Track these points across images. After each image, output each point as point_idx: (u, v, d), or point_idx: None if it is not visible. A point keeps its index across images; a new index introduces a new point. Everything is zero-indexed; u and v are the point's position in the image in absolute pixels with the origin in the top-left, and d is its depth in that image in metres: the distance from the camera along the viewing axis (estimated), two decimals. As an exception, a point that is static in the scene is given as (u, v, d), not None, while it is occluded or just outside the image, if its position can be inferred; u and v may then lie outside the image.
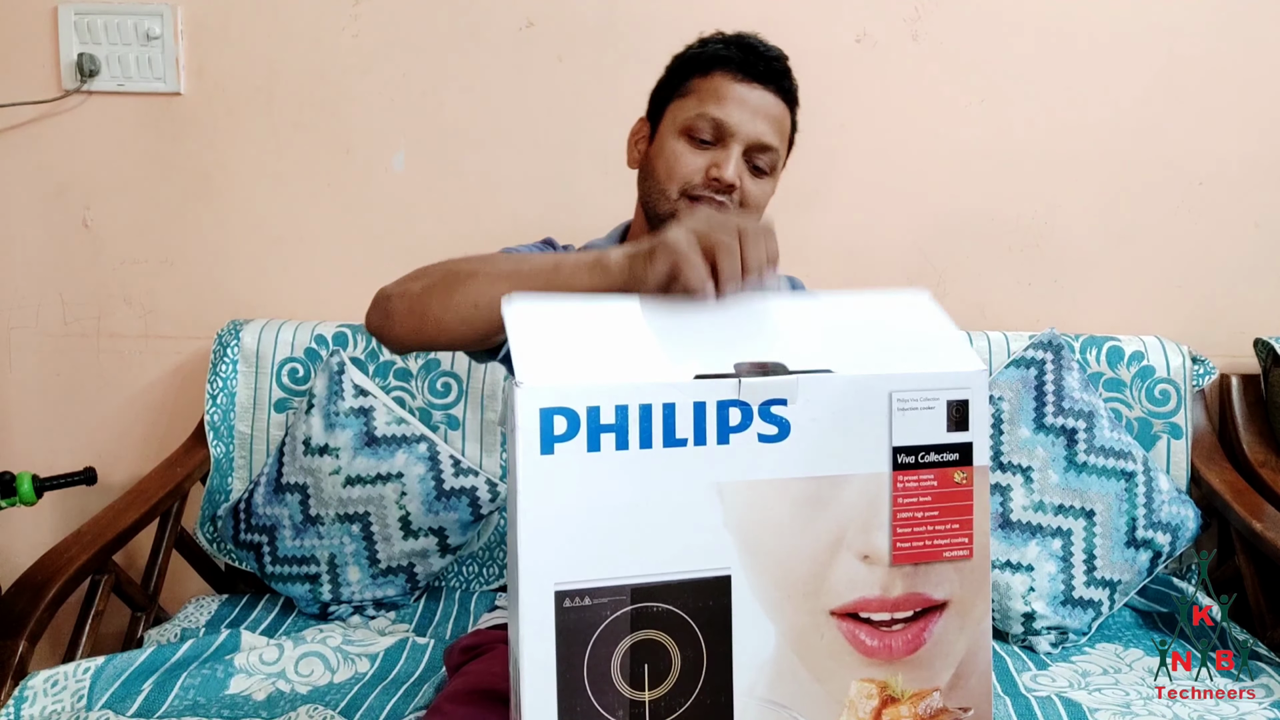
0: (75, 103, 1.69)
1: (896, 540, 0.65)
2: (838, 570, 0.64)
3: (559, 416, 0.59)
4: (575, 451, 0.59)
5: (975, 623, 0.67)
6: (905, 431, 0.64)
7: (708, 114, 1.02)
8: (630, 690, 0.60)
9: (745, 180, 1.03)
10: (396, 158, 1.69)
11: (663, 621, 0.60)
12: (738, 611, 0.61)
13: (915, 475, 0.65)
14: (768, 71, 1.03)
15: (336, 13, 1.66)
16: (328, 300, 1.71)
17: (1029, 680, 1.27)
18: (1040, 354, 1.51)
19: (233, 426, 1.60)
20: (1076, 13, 1.62)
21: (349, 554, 1.48)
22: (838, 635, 0.64)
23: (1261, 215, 1.65)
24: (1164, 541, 1.43)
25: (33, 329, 1.74)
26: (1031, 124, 1.65)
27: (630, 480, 0.60)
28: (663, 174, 1.04)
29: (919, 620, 0.66)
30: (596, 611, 0.59)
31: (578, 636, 0.59)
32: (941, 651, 0.66)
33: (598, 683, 0.59)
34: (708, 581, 0.61)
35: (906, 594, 0.65)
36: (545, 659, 0.59)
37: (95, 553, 1.30)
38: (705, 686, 0.61)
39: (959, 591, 0.66)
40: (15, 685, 1.14)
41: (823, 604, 0.64)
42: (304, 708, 1.18)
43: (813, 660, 0.64)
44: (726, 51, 1.04)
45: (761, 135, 1.02)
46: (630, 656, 0.60)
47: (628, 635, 0.60)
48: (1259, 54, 1.62)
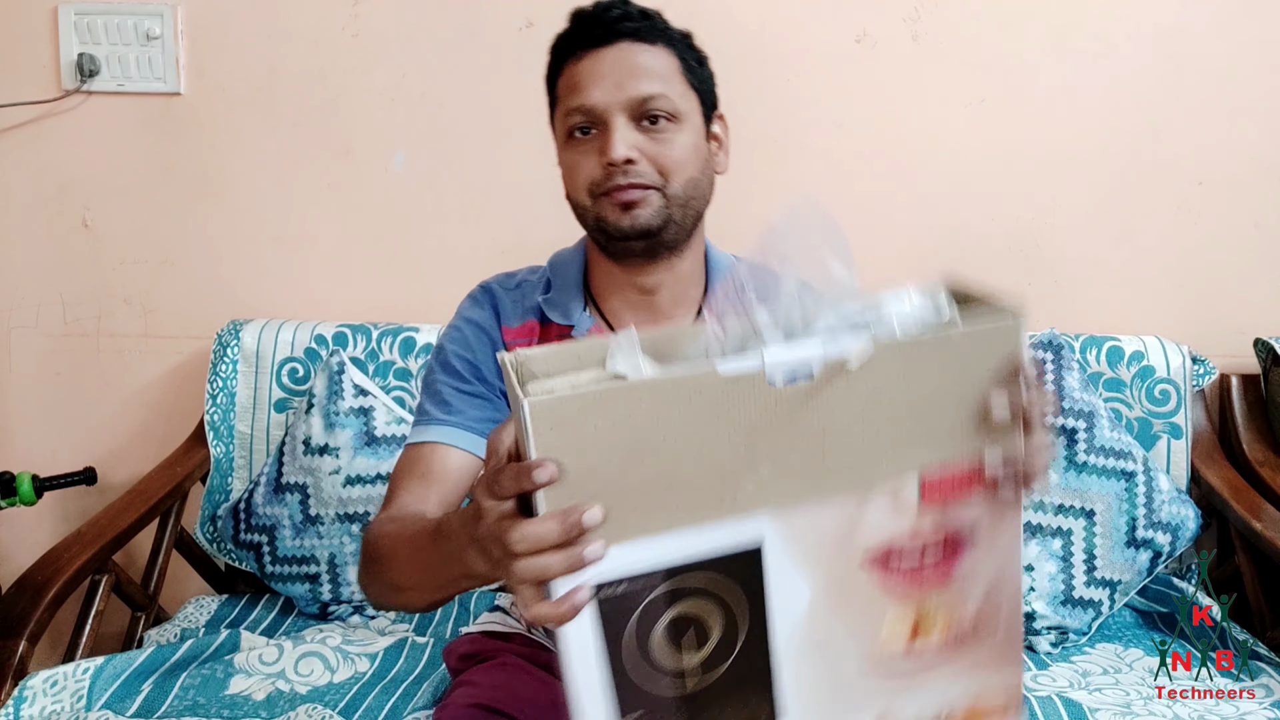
0: (75, 103, 1.69)
1: (925, 477, 0.63)
2: (868, 515, 0.63)
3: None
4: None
5: (1004, 548, 0.66)
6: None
7: (571, 107, 0.94)
8: (673, 659, 0.61)
9: (644, 144, 0.93)
10: (396, 158, 1.69)
11: (699, 594, 0.61)
12: (771, 574, 0.62)
13: None
14: (608, 30, 0.93)
15: (336, 13, 1.66)
16: (328, 300, 1.71)
17: (1029, 680, 1.27)
18: (1040, 354, 1.51)
19: (233, 426, 1.60)
20: (1076, 13, 1.62)
21: (349, 554, 1.48)
22: (870, 580, 0.64)
23: (1261, 215, 1.65)
24: (1164, 541, 1.43)
25: (33, 329, 1.74)
26: (1031, 124, 1.65)
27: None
28: (571, 188, 0.97)
29: (948, 553, 0.65)
30: (633, 597, 0.59)
31: (617, 622, 0.59)
32: (971, 580, 0.66)
33: (641, 661, 0.60)
34: (740, 555, 0.61)
35: (935, 530, 0.64)
36: (588, 648, 0.59)
37: (95, 553, 1.30)
38: (745, 645, 0.62)
39: (986, 519, 0.65)
40: (15, 685, 1.13)
41: (855, 551, 0.63)
42: (304, 707, 1.18)
43: (847, 605, 0.64)
44: (564, 38, 0.96)
45: (634, 90, 0.92)
46: (671, 629, 0.60)
47: (665, 612, 0.60)
48: (1259, 54, 1.62)
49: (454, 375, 0.99)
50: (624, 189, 0.92)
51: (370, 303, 1.69)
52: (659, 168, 0.93)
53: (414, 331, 1.59)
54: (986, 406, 0.63)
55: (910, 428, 0.63)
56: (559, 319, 1.01)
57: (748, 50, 1.64)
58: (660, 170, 0.93)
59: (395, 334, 1.59)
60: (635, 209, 0.93)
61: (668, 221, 0.95)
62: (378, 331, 1.60)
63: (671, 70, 0.95)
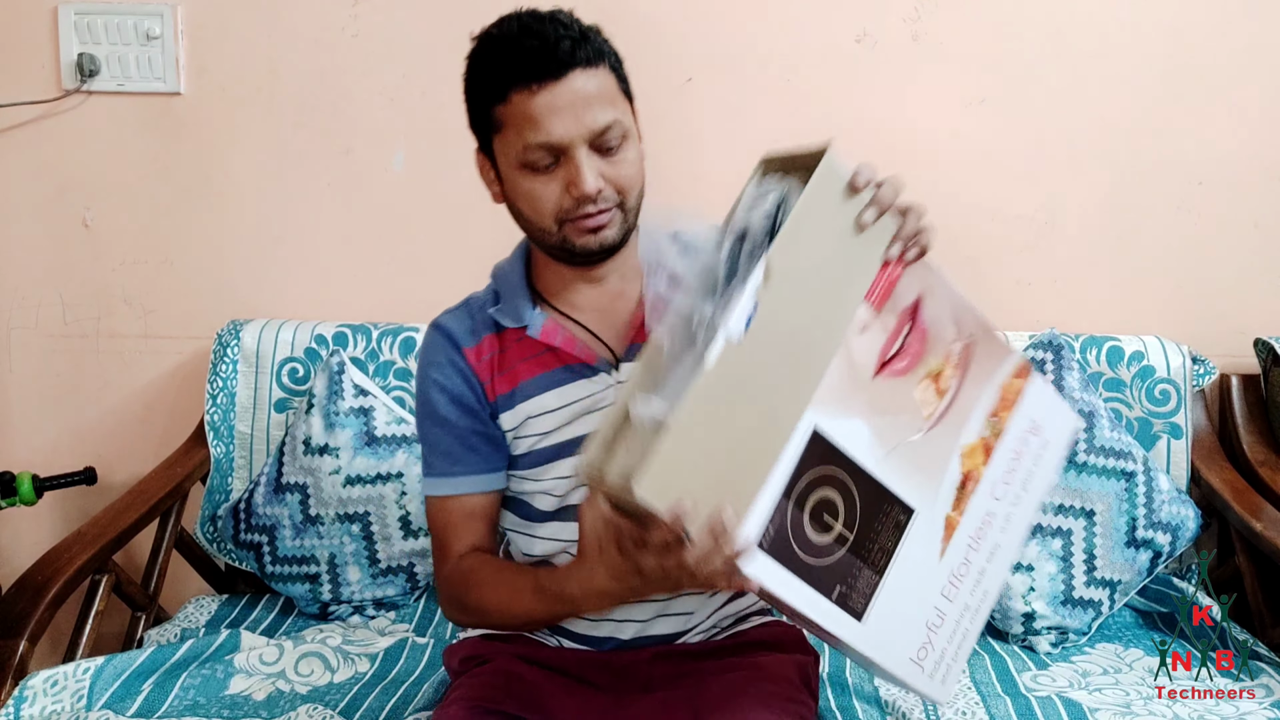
0: (75, 103, 1.69)
1: (866, 298, 0.82)
2: (855, 351, 0.82)
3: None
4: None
5: (939, 288, 0.87)
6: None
7: (531, 143, 0.93)
8: (828, 535, 0.82)
9: (605, 169, 0.95)
10: (396, 158, 1.69)
11: (812, 488, 0.81)
12: (835, 436, 0.81)
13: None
14: (559, 61, 0.91)
15: (336, 13, 1.66)
16: (328, 300, 1.71)
17: (1029, 680, 1.27)
18: (1040, 354, 1.51)
19: (233, 426, 1.60)
20: (1076, 13, 1.62)
21: (349, 554, 1.48)
22: (889, 384, 0.84)
23: (1261, 215, 1.65)
24: (1164, 541, 1.43)
25: (33, 329, 1.74)
26: (1031, 124, 1.65)
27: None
28: (531, 215, 0.98)
29: (913, 322, 0.85)
30: (779, 528, 0.79)
31: (782, 549, 0.80)
32: (938, 323, 0.87)
33: (813, 556, 0.82)
34: (811, 444, 0.80)
35: (895, 317, 0.84)
36: (781, 579, 0.80)
37: (95, 553, 1.30)
38: (859, 488, 0.84)
39: (916, 282, 0.85)
40: (15, 685, 1.14)
41: (865, 375, 0.83)
42: (304, 708, 1.18)
43: (889, 408, 0.84)
44: (507, 63, 0.93)
45: (592, 122, 0.93)
46: (813, 521, 0.81)
47: (802, 516, 0.80)
48: (1259, 54, 1.62)
49: (442, 424, 1.04)
50: (592, 215, 0.95)
51: (370, 303, 1.69)
52: (618, 188, 0.96)
53: (414, 331, 1.59)
54: (859, 222, 0.80)
55: (835, 280, 0.81)
56: (510, 323, 1.03)
57: (748, 50, 1.64)
58: (619, 190, 0.96)
59: (395, 334, 1.59)
60: (602, 231, 0.97)
61: (627, 232, 1.00)
62: (378, 331, 1.60)
63: (614, 89, 0.97)
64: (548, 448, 1.02)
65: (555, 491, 1.03)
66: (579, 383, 1.01)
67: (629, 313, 1.03)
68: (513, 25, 0.95)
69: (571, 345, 1.01)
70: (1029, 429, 0.93)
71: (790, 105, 1.66)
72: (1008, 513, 0.93)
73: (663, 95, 1.64)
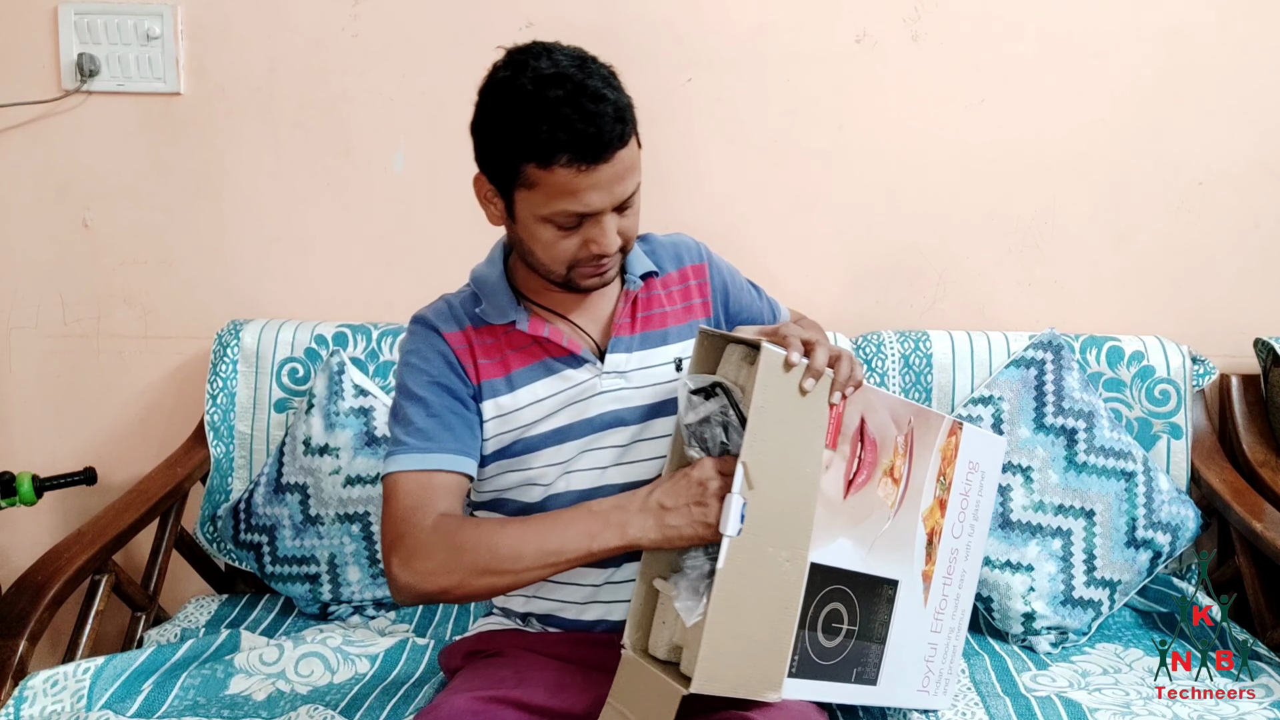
0: (75, 103, 1.69)
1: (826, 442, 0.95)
2: (827, 487, 0.95)
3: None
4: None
5: (871, 398, 0.98)
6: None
7: (566, 210, 0.97)
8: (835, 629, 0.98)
9: (620, 224, 1.00)
10: (396, 158, 1.69)
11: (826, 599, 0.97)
12: (825, 558, 0.96)
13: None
14: (608, 144, 0.94)
15: (336, 13, 1.66)
16: (328, 300, 1.71)
17: (1029, 680, 1.27)
18: (1040, 354, 1.51)
19: (233, 426, 1.60)
20: (1076, 13, 1.62)
21: (349, 554, 1.48)
22: (859, 498, 0.98)
23: (1261, 215, 1.65)
24: (1164, 541, 1.43)
25: (33, 329, 1.74)
26: (1031, 124, 1.65)
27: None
28: (544, 257, 1.02)
29: (865, 439, 0.98)
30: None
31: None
32: (881, 428, 0.99)
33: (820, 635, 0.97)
34: (814, 571, 0.95)
35: (848, 443, 0.96)
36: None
37: (95, 553, 1.30)
38: (857, 591, 0.99)
39: (856, 409, 0.97)
40: (15, 685, 1.14)
41: (838, 499, 0.96)
42: (304, 708, 1.18)
43: (863, 516, 0.99)
44: (555, 138, 0.93)
45: (622, 192, 0.98)
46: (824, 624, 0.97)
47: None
48: (1259, 54, 1.62)
49: (420, 403, 1.06)
50: (604, 265, 1.03)
51: (370, 303, 1.70)
52: (625, 240, 1.03)
53: (414, 331, 1.59)
54: (801, 389, 0.92)
55: (799, 448, 0.93)
56: (498, 320, 1.08)
57: (748, 50, 1.64)
58: (626, 240, 1.03)
59: (395, 334, 1.59)
60: (606, 274, 1.05)
61: (622, 269, 1.10)
62: (378, 331, 1.60)
63: (636, 162, 1.00)
64: (535, 436, 1.07)
65: (542, 480, 1.07)
66: (566, 372, 1.07)
67: (609, 309, 1.11)
68: (559, 94, 0.93)
69: (559, 337, 1.07)
70: (969, 469, 1.09)
71: (790, 105, 1.66)
72: (968, 543, 1.10)
73: (663, 95, 1.65)
